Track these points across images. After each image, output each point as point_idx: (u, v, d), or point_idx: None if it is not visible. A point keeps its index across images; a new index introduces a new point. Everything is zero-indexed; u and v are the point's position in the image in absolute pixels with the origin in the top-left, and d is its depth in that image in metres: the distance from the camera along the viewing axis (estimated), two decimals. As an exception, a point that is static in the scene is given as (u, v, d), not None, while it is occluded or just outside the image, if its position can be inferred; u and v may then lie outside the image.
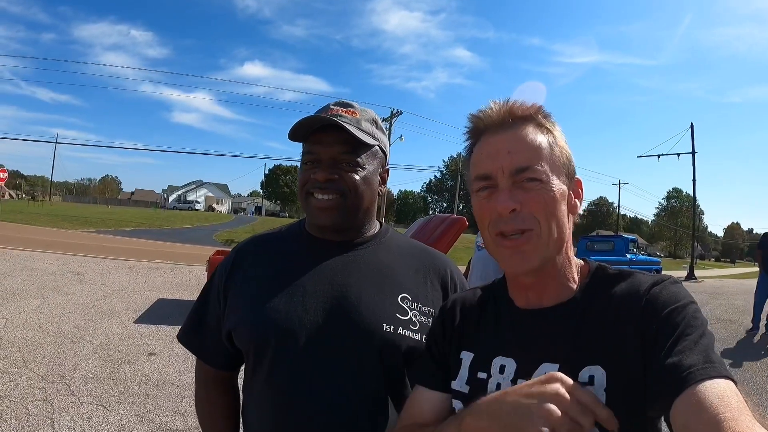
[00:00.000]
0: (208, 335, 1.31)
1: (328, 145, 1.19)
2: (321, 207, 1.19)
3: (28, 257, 12.17)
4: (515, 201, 0.86)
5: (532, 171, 0.87)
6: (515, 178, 0.87)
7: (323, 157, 1.19)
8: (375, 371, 1.15)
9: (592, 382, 0.79)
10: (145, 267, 12.73)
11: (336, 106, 1.23)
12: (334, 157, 1.19)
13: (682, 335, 0.75)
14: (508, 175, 0.88)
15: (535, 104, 0.93)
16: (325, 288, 1.19)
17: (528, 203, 0.86)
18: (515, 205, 0.86)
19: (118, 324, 6.92)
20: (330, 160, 1.19)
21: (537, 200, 0.86)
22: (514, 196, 0.86)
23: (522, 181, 0.87)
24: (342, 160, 1.19)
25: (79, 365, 5.12)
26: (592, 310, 0.87)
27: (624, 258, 17.83)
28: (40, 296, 8.14)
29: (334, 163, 1.19)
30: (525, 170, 0.87)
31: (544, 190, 0.87)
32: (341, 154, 1.19)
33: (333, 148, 1.19)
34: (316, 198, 1.19)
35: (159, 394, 4.57)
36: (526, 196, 0.86)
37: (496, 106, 0.92)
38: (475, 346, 0.98)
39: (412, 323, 1.18)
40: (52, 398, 4.25)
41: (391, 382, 1.17)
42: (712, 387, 0.66)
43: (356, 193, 1.21)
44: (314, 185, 1.19)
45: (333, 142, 1.18)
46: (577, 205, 0.93)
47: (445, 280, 1.30)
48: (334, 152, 1.19)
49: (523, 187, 0.87)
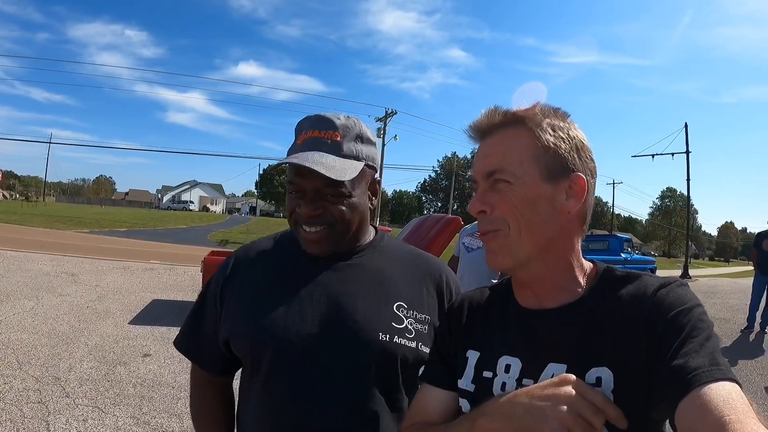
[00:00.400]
0: (205, 342, 1.30)
1: (309, 178, 1.13)
2: (309, 239, 1.18)
3: (22, 258, 12.12)
4: (483, 203, 0.91)
5: (501, 172, 0.89)
6: (488, 180, 0.91)
7: (306, 189, 1.16)
8: (371, 380, 1.14)
9: (600, 383, 0.79)
10: (140, 267, 12.68)
11: (315, 129, 1.17)
12: (317, 189, 1.15)
13: (688, 337, 0.74)
14: (482, 178, 0.92)
15: (525, 107, 0.92)
16: (321, 297, 1.18)
17: (497, 205, 0.89)
18: (482, 207, 0.91)
19: (113, 325, 6.89)
20: (313, 192, 1.15)
21: (504, 201, 0.89)
22: (484, 199, 0.91)
23: (494, 183, 0.90)
24: (326, 192, 1.15)
25: (74, 367, 5.09)
26: (599, 312, 0.87)
27: (619, 257, 17.82)
28: (35, 297, 8.09)
29: (317, 195, 1.16)
30: (494, 172, 0.90)
31: (512, 192, 0.88)
32: (324, 187, 1.14)
33: (315, 181, 1.14)
34: (303, 230, 1.18)
35: (154, 396, 4.55)
36: (496, 197, 0.90)
37: (484, 113, 0.94)
38: (481, 345, 0.99)
39: (407, 331, 1.18)
40: (47, 400, 4.23)
41: (387, 390, 1.16)
42: (717, 389, 0.66)
43: (343, 222, 1.18)
44: (301, 218, 1.17)
45: (315, 176, 1.11)
46: (569, 205, 0.90)
47: (441, 285, 1.29)
48: (316, 185, 1.14)
49: (495, 189, 0.90)
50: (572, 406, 0.71)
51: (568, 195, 0.90)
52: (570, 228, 0.92)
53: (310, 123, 1.19)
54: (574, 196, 0.90)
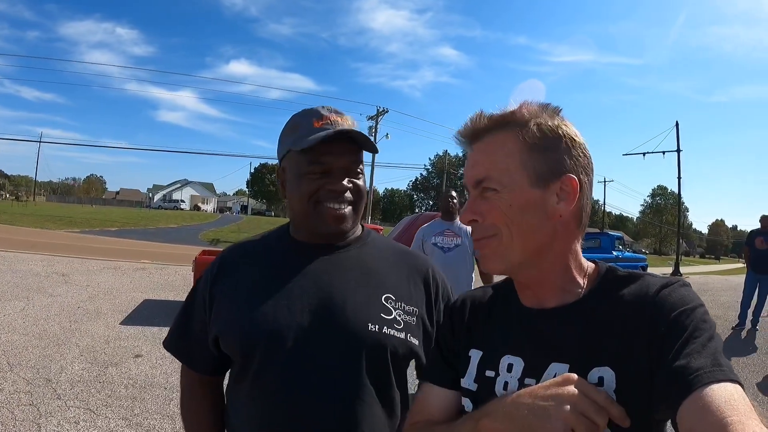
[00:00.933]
0: (194, 342, 1.30)
1: (338, 155, 1.20)
2: (337, 216, 1.21)
3: (12, 258, 12.03)
4: (474, 212, 0.92)
5: (488, 181, 0.90)
6: (477, 189, 0.92)
7: (335, 167, 1.21)
8: (362, 372, 1.15)
9: (602, 383, 0.79)
10: (131, 267, 12.62)
11: (329, 113, 1.23)
12: (345, 166, 1.22)
13: (690, 338, 0.74)
14: (472, 187, 0.93)
15: (512, 108, 0.91)
16: (310, 291, 1.20)
17: (487, 213, 0.90)
18: (473, 216, 0.92)
19: (104, 326, 6.85)
20: (342, 169, 1.21)
21: (494, 209, 0.89)
22: (474, 207, 0.92)
23: (484, 192, 0.91)
24: (352, 169, 1.23)
25: (66, 368, 5.06)
26: (601, 312, 0.86)
27: (610, 255, 17.90)
28: (25, 298, 8.03)
29: (345, 173, 1.22)
30: (482, 181, 0.91)
31: (500, 200, 0.89)
32: (351, 163, 1.22)
33: (344, 158, 1.21)
34: (330, 207, 1.21)
35: (146, 397, 4.53)
36: (486, 206, 0.90)
37: (470, 118, 0.94)
38: (483, 344, 0.99)
39: (396, 322, 1.20)
40: (39, 402, 4.19)
41: (377, 382, 1.17)
42: (719, 390, 0.66)
43: (362, 200, 1.26)
44: (329, 196, 1.20)
45: (343, 152, 1.20)
46: (560, 208, 0.89)
47: (427, 279, 1.32)
48: (344, 162, 1.21)
49: (484, 197, 0.91)
50: (575, 406, 0.71)
51: (559, 197, 0.88)
52: (565, 230, 0.91)
53: (323, 108, 1.25)
54: (566, 198, 0.88)
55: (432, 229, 4.78)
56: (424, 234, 4.82)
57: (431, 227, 4.80)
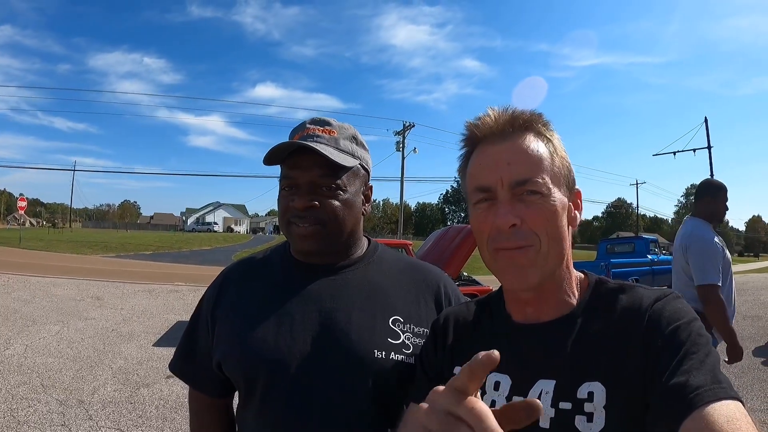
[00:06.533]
0: (200, 364, 1.27)
1: (305, 169, 1.13)
2: (302, 234, 1.14)
3: (48, 283, 12.32)
4: (515, 216, 0.82)
5: (533, 183, 0.83)
6: (515, 190, 0.84)
7: (301, 182, 1.14)
8: (368, 398, 1.09)
9: (591, 398, 0.77)
10: (165, 290, 12.82)
11: (312, 125, 1.18)
12: (312, 181, 1.13)
13: (687, 354, 0.73)
14: (507, 188, 0.84)
15: (535, 112, 0.89)
16: (313, 315, 1.14)
17: (529, 218, 0.83)
18: (515, 220, 0.82)
19: (137, 347, 6.94)
20: (308, 185, 1.14)
21: (538, 215, 0.83)
22: (514, 210, 0.83)
23: (522, 194, 0.83)
24: (321, 184, 1.14)
25: (98, 389, 5.13)
26: (591, 325, 0.84)
27: (645, 259, 17.44)
28: (60, 322, 8.21)
29: (312, 188, 1.14)
30: (525, 182, 0.83)
31: (546, 204, 0.83)
32: (320, 178, 1.13)
33: (311, 172, 1.13)
34: (296, 226, 1.14)
35: (176, 417, 4.55)
36: (527, 210, 0.83)
37: (493, 114, 0.88)
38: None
39: (404, 346, 1.13)
40: (71, 423, 4.25)
41: (385, 410, 1.12)
42: (720, 409, 0.65)
43: (336, 220, 1.15)
44: (293, 214, 1.14)
45: (311, 165, 1.12)
46: (577, 217, 0.90)
47: (439, 295, 1.24)
48: (312, 176, 1.13)
49: (524, 201, 0.83)
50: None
51: (574, 207, 0.90)
52: (571, 240, 0.90)
53: (308, 121, 1.20)
54: (579, 208, 0.90)
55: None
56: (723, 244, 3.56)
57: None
